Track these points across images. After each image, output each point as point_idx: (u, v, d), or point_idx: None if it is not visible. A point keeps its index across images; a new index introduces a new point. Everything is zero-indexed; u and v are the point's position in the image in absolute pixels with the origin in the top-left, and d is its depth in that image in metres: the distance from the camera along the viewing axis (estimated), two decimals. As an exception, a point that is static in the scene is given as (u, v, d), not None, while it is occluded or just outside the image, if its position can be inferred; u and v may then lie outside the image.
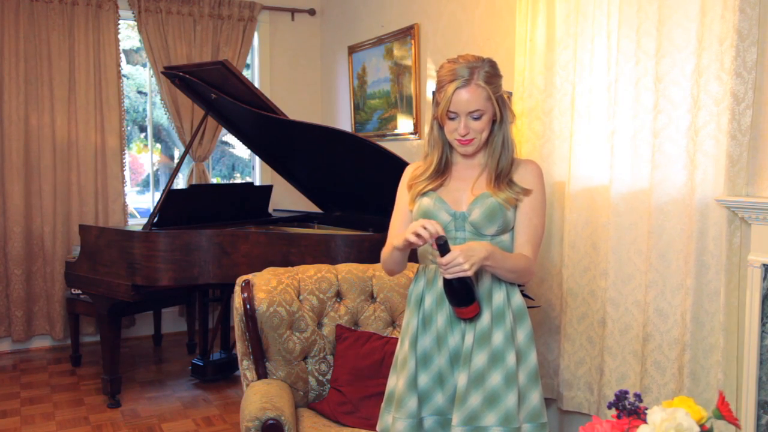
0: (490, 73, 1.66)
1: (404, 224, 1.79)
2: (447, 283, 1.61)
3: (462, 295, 1.61)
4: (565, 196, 2.92)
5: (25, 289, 4.64)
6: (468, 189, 1.74)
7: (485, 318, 1.67)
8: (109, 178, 4.81)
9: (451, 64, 1.68)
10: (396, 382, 1.75)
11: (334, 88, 5.45)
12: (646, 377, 2.57)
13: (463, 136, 1.68)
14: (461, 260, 1.53)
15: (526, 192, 1.71)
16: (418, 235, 1.58)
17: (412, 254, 1.81)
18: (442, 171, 1.78)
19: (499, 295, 1.69)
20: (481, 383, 1.64)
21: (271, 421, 2.01)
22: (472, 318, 1.66)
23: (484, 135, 1.70)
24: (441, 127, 1.75)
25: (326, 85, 5.58)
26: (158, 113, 5.50)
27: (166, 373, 4.34)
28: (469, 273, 1.54)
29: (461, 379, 1.65)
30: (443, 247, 1.56)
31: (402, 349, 1.78)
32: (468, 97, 1.64)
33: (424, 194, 1.76)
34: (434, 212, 1.71)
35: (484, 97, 1.65)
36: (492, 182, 1.72)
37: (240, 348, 2.38)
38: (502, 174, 1.72)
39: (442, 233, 1.57)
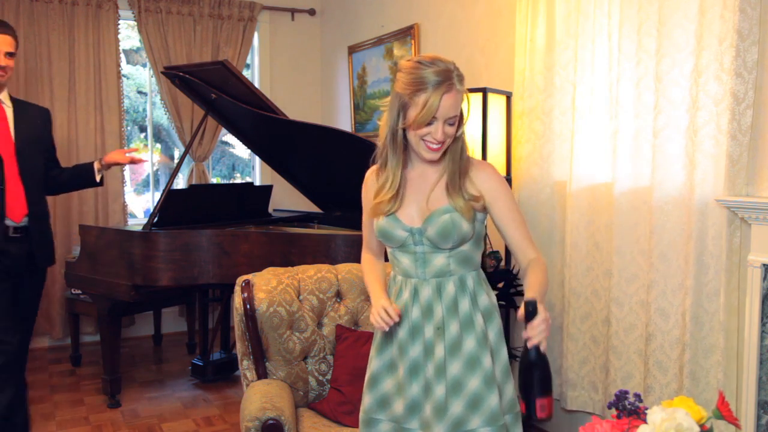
0: (461, 75, 1.59)
1: (371, 230, 1.79)
2: (530, 364, 1.40)
3: (545, 375, 1.41)
4: (566, 196, 2.92)
5: (25, 289, 4.64)
6: (423, 201, 1.68)
7: (453, 327, 1.65)
8: (109, 178, 4.79)
9: (422, 68, 1.55)
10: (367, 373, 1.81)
11: (334, 88, 5.45)
12: (648, 377, 2.57)
13: (441, 142, 1.59)
14: (546, 324, 1.45)
15: (477, 199, 1.65)
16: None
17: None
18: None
19: (464, 303, 1.67)
20: (460, 390, 1.64)
21: (271, 421, 2.01)
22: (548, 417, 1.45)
23: (449, 142, 1.63)
24: (404, 135, 1.64)
25: (326, 85, 5.58)
26: (158, 113, 5.50)
27: (166, 373, 4.34)
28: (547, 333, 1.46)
29: (439, 389, 1.65)
30: (532, 313, 1.41)
31: (372, 349, 1.81)
32: (451, 103, 1.56)
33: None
34: (390, 231, 1.69)
35: (461, 102, 1.60)
36: (450, 188, 1.65)
37: (240, 348, 2.38)
38: (460, 176, 1.65)
39: (396, 319, 1.60)
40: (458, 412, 1.63)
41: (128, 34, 5.35)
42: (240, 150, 6.19)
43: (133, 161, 3.20)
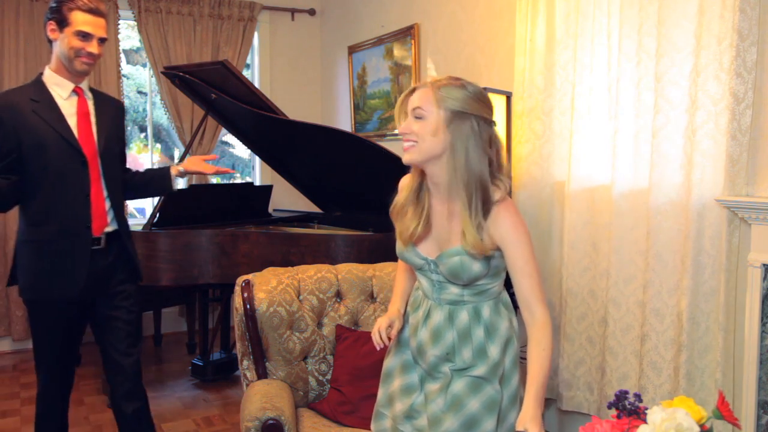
0: (454, 85, 1.56)
1: None
2: None
3: None
4: (564, 196, 2.92)
5: (25, 289, 4.64)
6: (441, 234, 1.67)
7: (465, 353, 1.65)
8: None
9: None
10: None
11: (334, 88, 5.45)
12: (642, 377, 2.58)
13: (402, 134, 1.59)
14: None
15: (489, 247, 1.60)
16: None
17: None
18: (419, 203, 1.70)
19: (478, 332, 1.66)
20: (458, 408, 1.64)
21: (271, 421, 2.01)
22: None
23: (427, 147, 1.57)
24: None
25: (326, 85, 5.58)
26: (158, 113, 5.50)
27: (166, 373, 4.34)
28: None
29: (438, 403, 1.66)
30: None
31: (390, 346, 1.83)
32: (416, 96, 1.58)
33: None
34: (408, 257, 1.71)
35: (430, 100, 1.56)
36: (464, 231, 1.60)
37: (240, 348, 2.38)
38: (475, 216, 1.59)
39: (387, 343, 1.69)
40: (451, 429, 1.63)
41: (128, 34, 5.35)
42: (240, 150, 6.20)
43: (218, 172, 2.72)
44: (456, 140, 1.56)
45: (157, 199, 3.97)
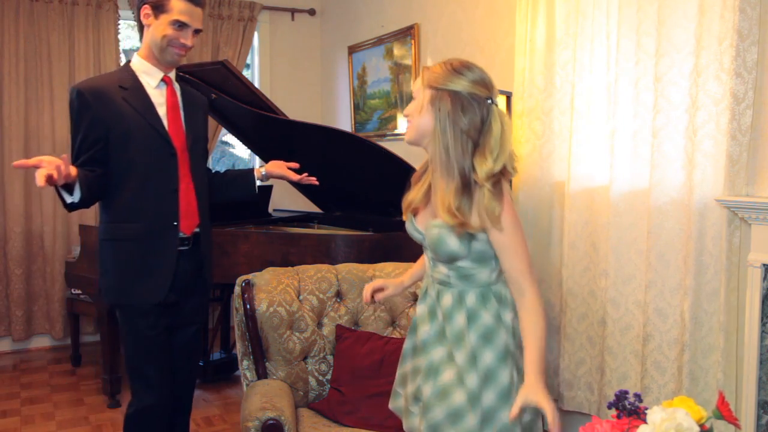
0: (445, 69, 1.64)
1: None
2: None
3: None
4: (564, 196, 2.92)
5: (25, 288, 4.64)
6: (433, 209, 1.68)
7: (449, 336, 1.65)
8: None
9: None
10: None
11: (334, 88, 5.45)
12: (646, 377, 2.58)
13: (404, 116, 1.70)
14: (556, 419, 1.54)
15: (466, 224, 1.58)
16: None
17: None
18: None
19: (459, 318, 1.63)
20: (444, 398, 1.63)
21: (271, 421, 2.01)
22: None
23: (416, 124, 1.63)
24: None
25: (326, 85, 5.58)
26: (158, 113, 5.49)
27: (166, 373, 4.33)
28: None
29: (426, 389, 1.66)
30: None
31: (410, 329, 1.86)
32: (416, 83, 1.67)
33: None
34: (410, 231, 1.74)
35: (419, 80, 1.65)
36: (440, 201, 1.62)
37: (240, 348, 2.38)
38: (460, 195, 1.57)
39: (366, 300, 1.85)
40: (437, 419, 1.62)
41: (128, 34, 5.35)
42: (240, 150, 6.20)
43: (301, 181, 2.51)
44: (437, 117, 1.60)
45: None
